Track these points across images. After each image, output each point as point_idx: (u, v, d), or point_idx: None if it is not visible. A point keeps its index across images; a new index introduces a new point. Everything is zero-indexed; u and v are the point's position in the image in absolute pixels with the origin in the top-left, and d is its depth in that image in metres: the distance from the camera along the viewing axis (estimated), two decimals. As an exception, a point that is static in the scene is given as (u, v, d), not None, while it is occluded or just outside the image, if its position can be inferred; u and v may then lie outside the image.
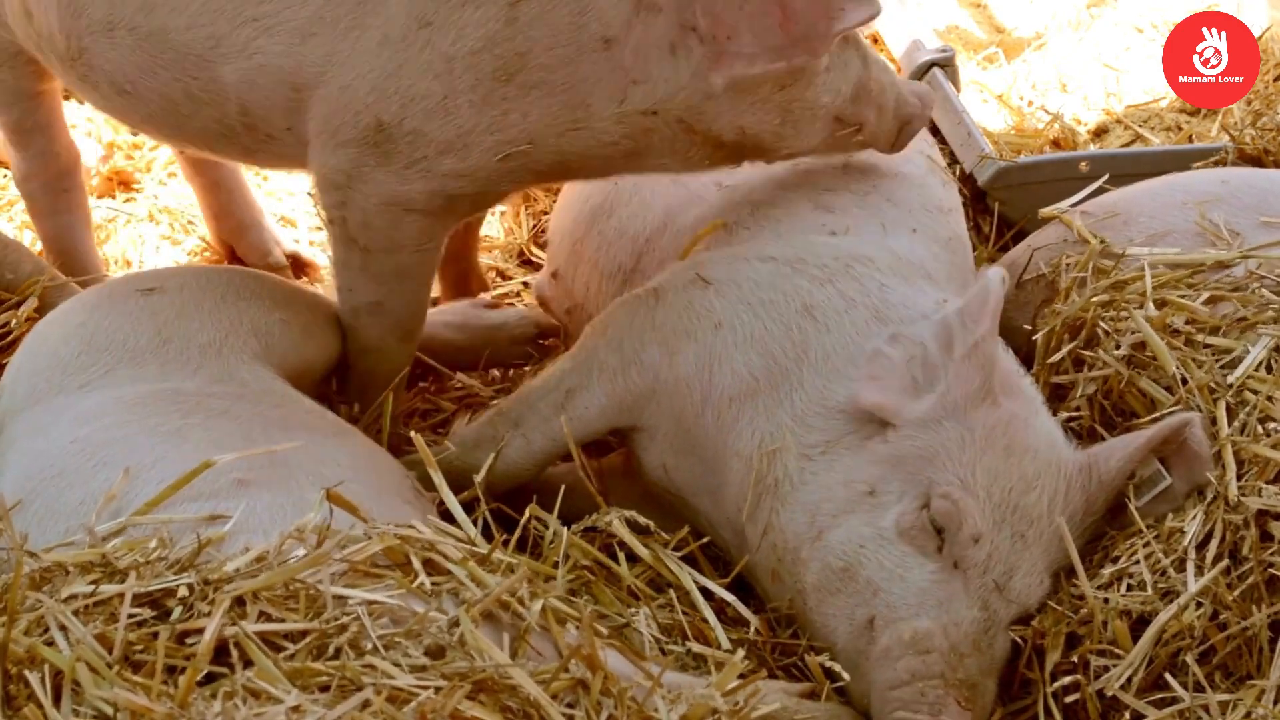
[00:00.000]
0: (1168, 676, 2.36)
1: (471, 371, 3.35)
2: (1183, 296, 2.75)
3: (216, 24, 2.67)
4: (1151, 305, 2.73)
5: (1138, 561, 2.46)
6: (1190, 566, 2.40)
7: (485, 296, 3.53)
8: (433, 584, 2.03)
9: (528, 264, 3.82)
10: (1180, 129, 4.09)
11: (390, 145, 2.65)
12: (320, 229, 3.82)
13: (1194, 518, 2.46)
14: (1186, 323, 2.70)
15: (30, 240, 3.51)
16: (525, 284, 3.70)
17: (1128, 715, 2.35)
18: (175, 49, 2.71)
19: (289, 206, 3.91)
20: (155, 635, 1.88)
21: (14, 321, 3.03)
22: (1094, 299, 2.81)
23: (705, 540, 2.74)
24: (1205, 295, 2.74)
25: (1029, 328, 2.94)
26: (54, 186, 3.31)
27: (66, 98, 3.51)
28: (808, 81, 2.72)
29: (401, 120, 2.62)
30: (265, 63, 2.67)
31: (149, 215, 3.81)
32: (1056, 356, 2.81)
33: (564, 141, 2.65)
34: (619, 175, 2.89)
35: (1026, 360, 2.83)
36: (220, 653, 1.87)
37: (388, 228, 2.75)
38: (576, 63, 2.58)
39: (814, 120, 2.78)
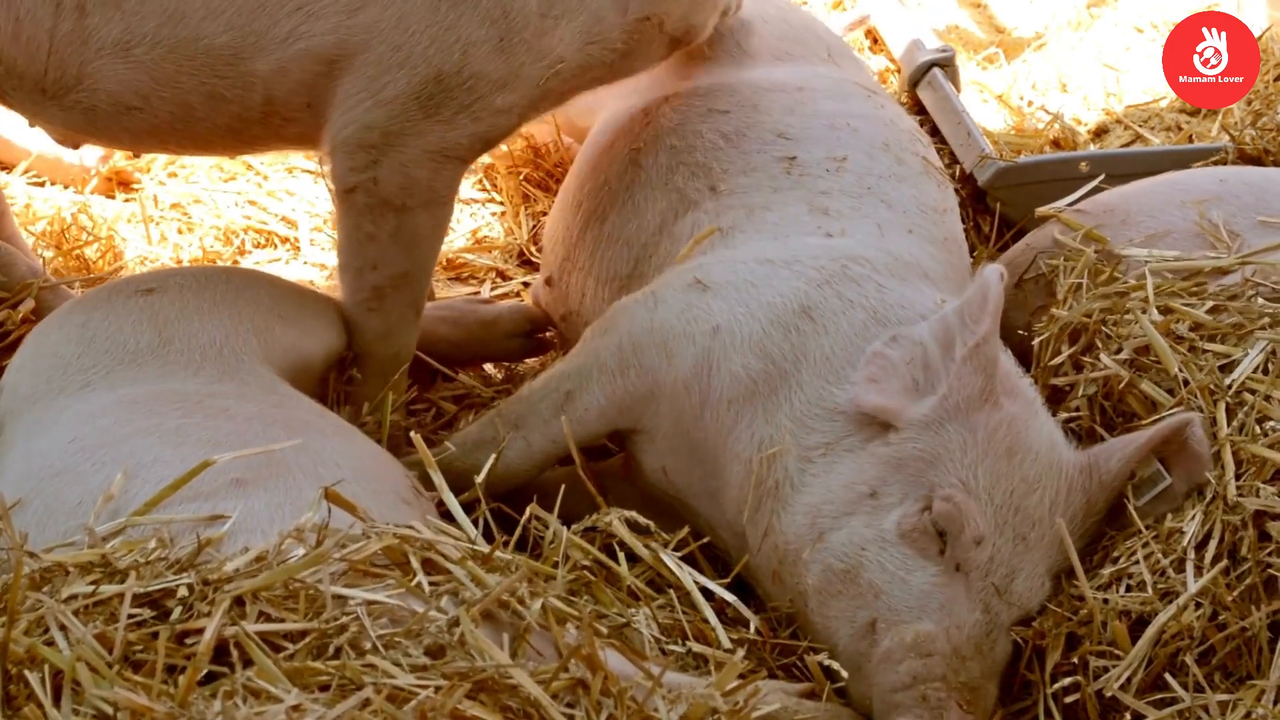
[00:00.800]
0: (1167, 677, 2.35)
1: (468, 369, 3.35)
2: (1185, 305, 2.75)
3: (257, 21, 2.70)
4: (1155, 310, 2.73)
5: (1137, 562, 2.45)
6: (1190, 567, 2.40)
7: (480, 293, 3.53)
8: (432, 584, 2.03)
9: (528, 264, 3.81)
10: (1180, 129, 4.09)
11: (444, 95, 2.77)
12: (321, 229, 3.82)
13: (1193, 518, 2.45)
14: (1190, 329, 2.70)
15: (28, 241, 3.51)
16: (525, 284, 3.69)
17: (1128, 716, 2.34)
18: (206, 53, 2.72)
19: (289, 206, 3.89)
20: (155, 635, 1.88)
21: (10, 321, 3.03)
22: (1095, 305, 2.80)
23: (705, 540, 2.74)
24: (1208, 305, 2.73)
25: (1023, 332, 2.93)
26: None
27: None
28: None
29: (462, 68, 2.75)
30: (307, 46, 2.72)
31: (148, 215, 3.80)
32: (1056, 360, 2.80)
33: (582, 56, 2.87)
34: (594, 89, 3.08)
35: (1024, 360, 2.82)
36: (220, 652, 1.87)
37: (430, 178, 2.84)
38: None
39: None
